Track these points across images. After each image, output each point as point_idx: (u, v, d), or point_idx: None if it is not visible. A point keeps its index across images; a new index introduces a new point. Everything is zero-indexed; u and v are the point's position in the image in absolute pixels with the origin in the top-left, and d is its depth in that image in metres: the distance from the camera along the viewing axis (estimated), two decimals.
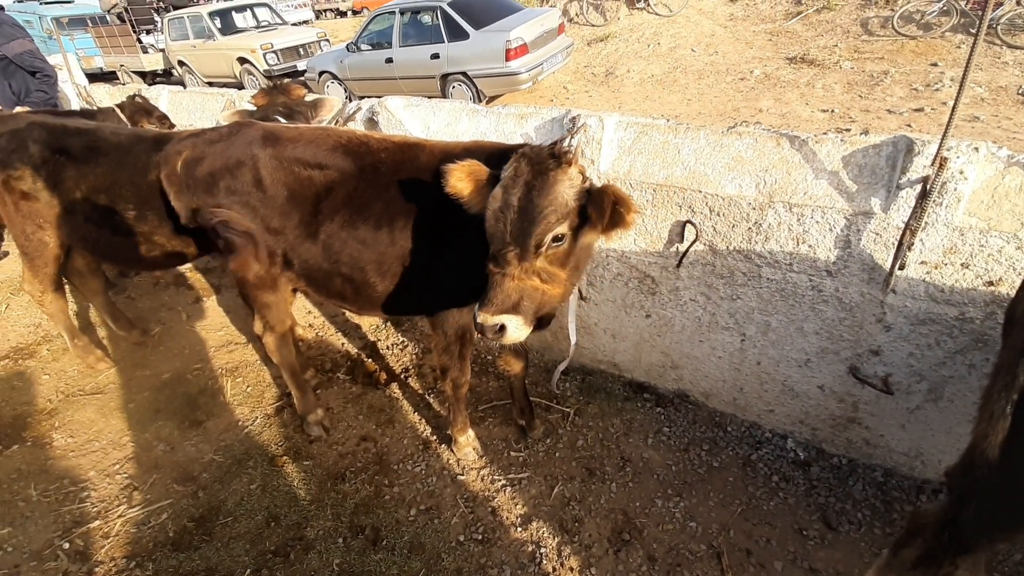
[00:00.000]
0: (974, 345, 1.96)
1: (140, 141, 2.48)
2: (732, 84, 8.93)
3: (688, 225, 2.37)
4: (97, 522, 2.31)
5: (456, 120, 2.90)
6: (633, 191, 2.43)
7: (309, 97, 3.19)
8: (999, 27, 8.43)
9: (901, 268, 1.95)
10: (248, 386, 3.09)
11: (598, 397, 2.87)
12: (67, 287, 3.29)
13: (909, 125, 6.97)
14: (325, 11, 28.15)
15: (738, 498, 2.31)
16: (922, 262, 1.94)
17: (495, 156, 1.88)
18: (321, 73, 9.91)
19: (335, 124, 3.16)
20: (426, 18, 8.65)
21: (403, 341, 3.42)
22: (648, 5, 11.02)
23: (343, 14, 27.84)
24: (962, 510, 1.48)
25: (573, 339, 2.58)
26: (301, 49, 11.54)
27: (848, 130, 7.35)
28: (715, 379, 2.68)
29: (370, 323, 3.60)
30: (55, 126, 2.48)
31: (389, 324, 3.56)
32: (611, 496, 2.35)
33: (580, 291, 2.69)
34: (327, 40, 12.20)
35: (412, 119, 3.03)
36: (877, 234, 2.00)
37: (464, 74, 8.38)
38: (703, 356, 2.65)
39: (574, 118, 2.46)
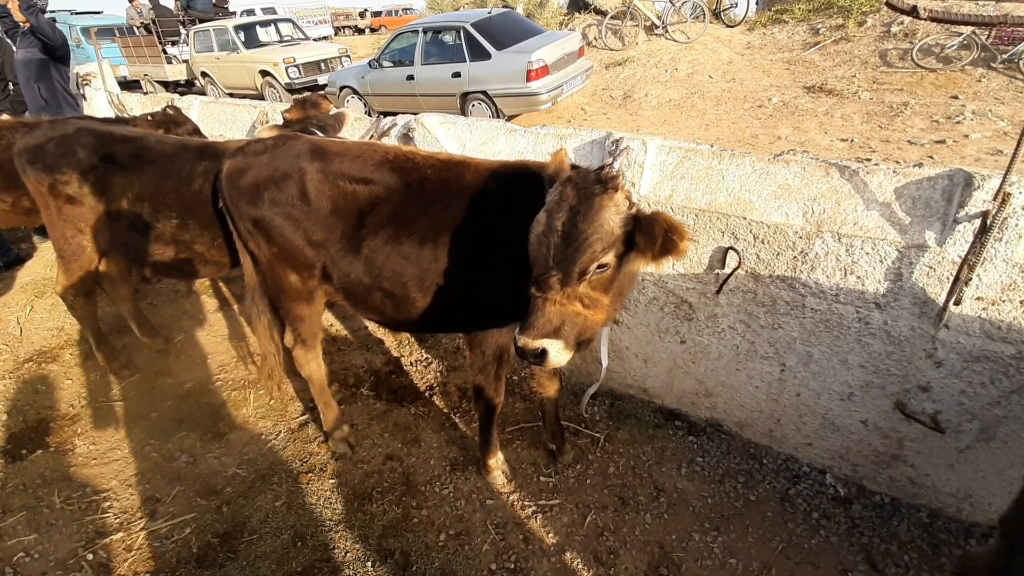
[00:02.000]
0: None
1: (185, 150, 2.49)
2: (750, 111, 8.97)
3: (730, 252, 2.34)
4: (120, 534, 2.26)
5: (493, 139, 2.90)
6: (674, 216, 2.40)
7: (332, 111, 3.23)
8: (1021, 62, 8.47)
9: (957, 303, 1.90)
10: (271, 399, 3.05)
11: (628, 423, 2.81)
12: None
13: (931, 157, 6.96)
14: (344, 28, 28.78)
15: (778, 535, 2.24)
16: (978, 298, 1.90)
17: (540, 176, 1.87)
18: (342, 88, 10.05)
19: (369, 139, 3.17)
20: (449, 38, 8.78)
21: (427, 358, 3.38)
22: (666, 32, 11.17)
23: (361, 31, 28.45)
24: (1013, 560, 1.42)
25: (605, 362, 2.53)
26: (323, 64, 11.73)
27: (869, 159, 7.36)
28: (751, 409, 2.62)
29: (394, 339, 3.57)
30: (103, 132, 2.49)
31: (413, 340, 3.53)
32: (646, 528, 2.28)
33: None
34: (348, 56, 12.41)
35: (448, 136, 3.04)
36: (931, 268, 1.96)
37: (484, 93, 8.47)
38: (739, 385, 2.60)
39: (616, 140, 2.46)
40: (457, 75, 8.57)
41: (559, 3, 13.97)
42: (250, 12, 19.72)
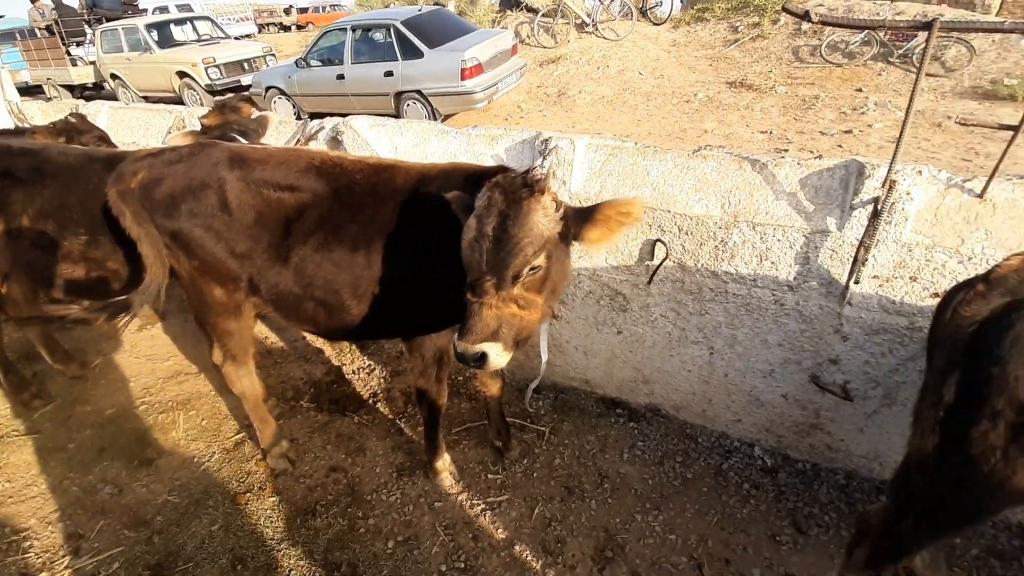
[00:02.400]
0: (923, 352, 2.11)
1: (92, 161, 2.32)
2: (678, 106, 9.36)
3: (658, 243, 2.45)
4: (43, 574, 2.09)
5: (425, 140, 2.89)
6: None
7: (255, 114, 3.11)
8: (914, 56, 9.29)
9: (856, 282, 2.08)
10: (203, 419, 2.91)
11: (572, 414, 2.88)
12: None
13: (840, 146, 7.51)
14: (268, 25, 27.55)
15: (713, 508, 2.37)
16: (874, 276, 2.08)
17: (471, 179, 1.88)
18: (268, 88, 9.64)
19: (296, 144, 3.07)
20: (379, 36, 8.61)
21: (370, 365, 3.32)
22: (596, 29, 11.44)
23: (287, 28, 27.32)
24: (899, 521, 1.59)
25: (544, 357, 2.57)
26: (246, 64, 11.20)
27: (787, 150, 7.85)
28: (685, 392, 2.76)
29: (334, 348, 3.48)
30: None
31: (354, 348, 3.46)
32: (591, 514, 2.35)
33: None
34: (273, 55, 11.91)
35: (379, 139, 2.99)
36: (833, 251, 2.13)
37: (419, 92, 8.37)
38: (674, 370, 2.72)
39: (546, 140, 2.51)
40: (389, 74, 8.42)
41: (491, 1, 14.00)
42: (163, 9, 18.50)
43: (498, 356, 1.62)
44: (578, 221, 1.65)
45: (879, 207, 1.95)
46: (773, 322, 2.37)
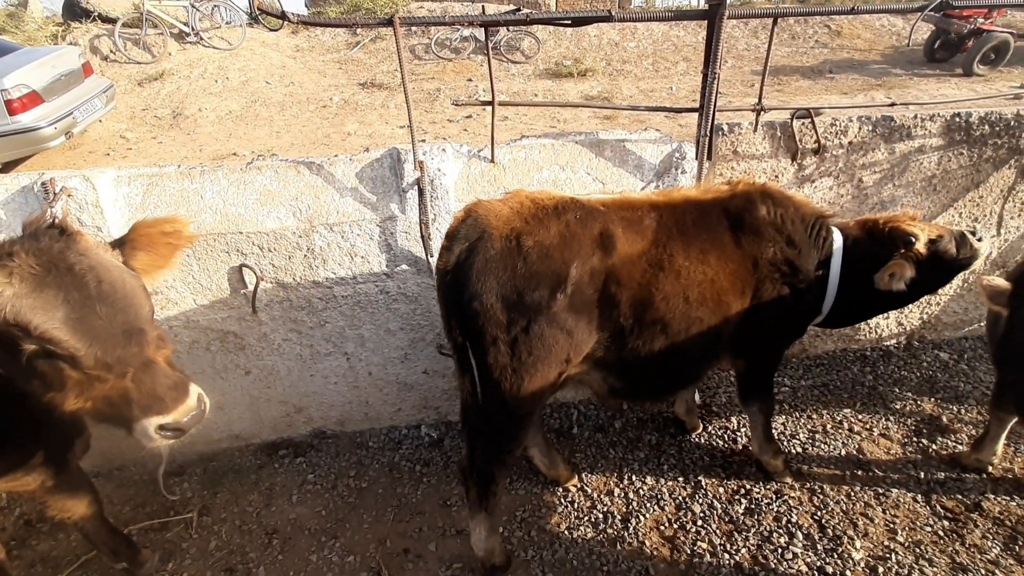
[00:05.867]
0: None
1: None
2: (316, 112, 9.17)
3: (244, 268, 2.24)
4: None
5: None
6: None
7: None
8: (502, 48, 11.19)
9: (431, 256, 2.29)
10: None
11: (226, 480, 2.50)
12: None
13: (466, 130, 8.54)
14: None
15: (389, 505, 2.37)
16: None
17: None
18: None
19: None
20: None
21: None
22: (202, 40, 10.19)
23: None
24: (472, 451, 1.87)
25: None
26: None
27: (424, 141, 8.57)
28: (341, 404, 2.68)
29: None
30: None
31: None
32: None
33: None
34: None
35: None
36: (406, 232, 2.29)
37: None
38: (320, 388, 2.60)
39: (45, 183, 1.97)
40: None
41: (45, 11, 11.02)
42: None
43: (202, 391, 1.46)
44: (118, 251, 1.40)
45: (421, 187, 2.15)
46: (387, 310, 2.45)
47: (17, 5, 11.36)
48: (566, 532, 2.18)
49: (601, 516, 2.23)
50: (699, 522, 2.18)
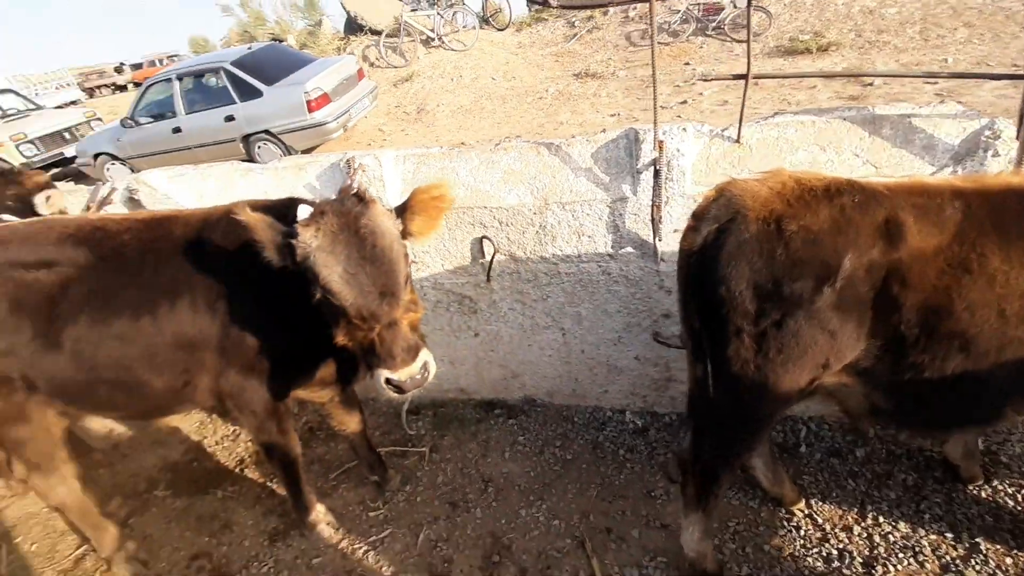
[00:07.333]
0: None
1: None
2: (533, 104, 9.68)
3: (485, 240, 2.47)
4: None
5: (230, 184, 2.71)
6: None
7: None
8: (725, 27, 10.33)
9: (660, 239, 2.22)
10: (33, 543, 2.51)
11: (452, 427, 2.83)
12: None
13: (679, 116, 8.14)
14: (99, 87, 25.05)
15: (593, 482, 2.42)
16: (675, 231, 2.23)
17: (266, 214, 1.77)
18: (97, 155, 8.72)
19: (86, 210, 2.76)
20: (211, 81, 8.09)
21: (234, 431, 3.06)
22: (443, 43, 11.56)
23: (122, 88, 25.03)
24: (701, 446, 1.72)
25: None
26: (66, 134, 10.06)
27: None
28: (552, 377, 2.80)
29: (193, 420, 3.17)
30: None
31: (215, 417, 3.17)
32: (477, 523, 2.31)
33: None
34: (99, 119, 10.81)
35: (182, 190, 2.76)
36: (635, 215, 2.26)
37: (268, 132, 7.96)
38: (536, 359, 2.76)
39: (348, 160, 2.44)
40: (231, 118, 7.94)
41: (333, 29, 13.71)
42: None
43: (431, 358, 1.66)
44: (399, 217, 1.66)
45: (657, 167, 2.09)
46: (607, 292, 2.47)
47: (314, 25, 14.30)
48: (789, 559, 1.95)
49: (835, 553, 1.93)
50: None
